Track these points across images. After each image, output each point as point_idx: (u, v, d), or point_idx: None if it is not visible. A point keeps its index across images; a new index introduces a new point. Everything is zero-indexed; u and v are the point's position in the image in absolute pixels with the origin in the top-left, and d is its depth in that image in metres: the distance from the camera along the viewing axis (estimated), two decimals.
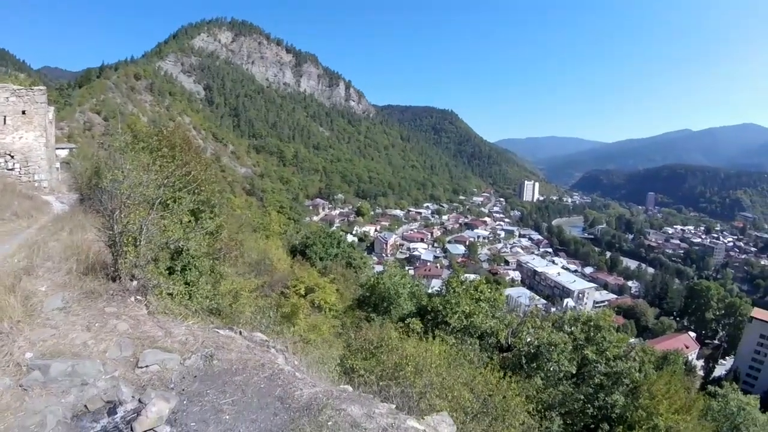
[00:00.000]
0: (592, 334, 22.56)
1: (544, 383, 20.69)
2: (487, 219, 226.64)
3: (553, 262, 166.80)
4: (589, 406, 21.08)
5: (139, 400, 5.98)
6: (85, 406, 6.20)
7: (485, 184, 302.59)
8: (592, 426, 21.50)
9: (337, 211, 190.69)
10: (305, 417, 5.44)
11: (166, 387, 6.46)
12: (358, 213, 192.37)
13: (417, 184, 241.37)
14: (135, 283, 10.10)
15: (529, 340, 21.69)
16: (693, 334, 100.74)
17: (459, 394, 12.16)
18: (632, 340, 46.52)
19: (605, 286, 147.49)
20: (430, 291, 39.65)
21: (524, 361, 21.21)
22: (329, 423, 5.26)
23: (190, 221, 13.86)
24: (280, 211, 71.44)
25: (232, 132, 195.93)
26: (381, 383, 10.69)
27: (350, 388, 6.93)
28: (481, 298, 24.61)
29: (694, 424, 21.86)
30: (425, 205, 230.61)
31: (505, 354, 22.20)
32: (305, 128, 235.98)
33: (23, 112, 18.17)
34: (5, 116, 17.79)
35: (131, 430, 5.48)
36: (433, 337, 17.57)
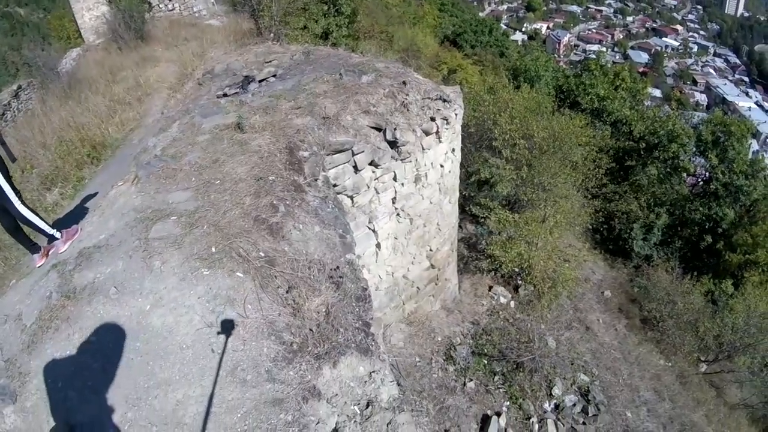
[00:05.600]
0: (720, 138, 20.68)
1: (659, 177, 20.56)
2: (678, 27, 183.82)
3: (747, 94, 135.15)
4: (699, 212, 20.31)
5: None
6: (233, 82, 10.00)
7: None
8: (696, 238, 20.87)
9: (505, 6, 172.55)
10: (350, 66, 8.38)
11: (279, 68, 9.95)
12: (529, 8, 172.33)
13: None
14: (272, 34, 13.98)
15: (656, 130, 20.80)
16: None
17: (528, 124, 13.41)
18: None
19: None
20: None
21: (642, 147, 20.84)
22: (360, 68, 8.09)
23: None
24: (442, 9, 69.13)
25: None
26: None
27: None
28: (621, 86, 23.65)
29: None
30: (607, 2, 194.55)
31: (631, 143, 21.71)
32: None
33: None
34: None
35: (254, 79, 9.12)
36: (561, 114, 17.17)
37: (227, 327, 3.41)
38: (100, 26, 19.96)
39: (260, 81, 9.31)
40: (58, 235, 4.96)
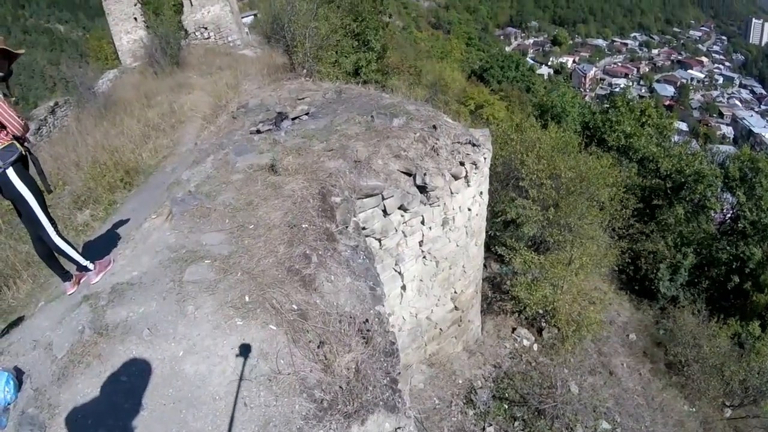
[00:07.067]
0: (748, 175, 20.17)
1: (686, 216, 20.19)
2: (704, 59, 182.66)
3: None
4: (726, 251, 19.72)
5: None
6: (267, 118, 10.29)
7: (704, 16, 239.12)
8: (723, 279, 20.15)
9: (531, 41, 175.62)
10: (381, 107, 8.57)
11: (311, 106, 10.22)
12: (555, 42, 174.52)
13: (623, 10, 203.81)
14: (304, 70, 14.34)
15: (682, 169, 20.34)
16: None
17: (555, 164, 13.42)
18: None
19: None
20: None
21: (669, 186, 20.58)
22: (391, 110, 8.27)
23: (336, 28, 17.18)
24: (469, 43, 70.22)
25: None
26: None
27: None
28: (648, 122, 23.62)
29: None
30: (632, 35, 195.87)
31: (657, 181, 21.38)
32: None
33: None
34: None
35: (287, 116, 9.38)
36: (590, 153, 17.39)
37: (259, 379, 3.46)
38: (137, 50, 20.69)
39: (293, 119, 9.58)
40: (91, 266, 5.04)
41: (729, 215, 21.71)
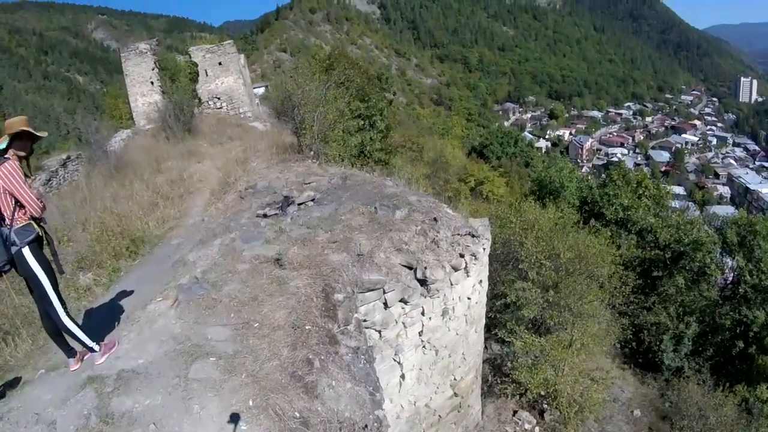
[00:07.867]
0: (746, 238, 20.22)
1: (686, 285, 20.17)
2: (696, 122, 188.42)
3: None
4: (729, 317, 19.46)
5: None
6: (273, 201, 10.73)
7: (695, 80, 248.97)
8: (728, 344, 19.75)
9: (529, 115, 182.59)
10: (384, 197, 9.00)
11: (317, 191, 10.68)
12: (551, 116, 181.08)
13: (616, 81, 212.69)
14: (312, 152, 14.96)
15: (680, 238, 20.45)
16: None
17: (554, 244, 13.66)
18: None
19: None
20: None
21: (668, 256, 20.70)
22: (394, 201, 8.69)
23: (344, 112, 18.03)
24: (469, 119, 72.69)
25: (413, 45, 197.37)
26: None
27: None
28: (645, 194, 24.04)
29: None
30: (626, 104, 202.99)
31: (657, 251, 21.47)
32: (487, 30, 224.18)
33: (219, 63, 23.82)
34: (206, 69, 23.68)
35: (294, 202, 9.80)
36: (589, 229, 17.88)
37: None
38: (152, 113, 21.30)
39: (299, 204, 10.00)
40: (96, 348, 5.14)
41: (730, 279, 21.63)
